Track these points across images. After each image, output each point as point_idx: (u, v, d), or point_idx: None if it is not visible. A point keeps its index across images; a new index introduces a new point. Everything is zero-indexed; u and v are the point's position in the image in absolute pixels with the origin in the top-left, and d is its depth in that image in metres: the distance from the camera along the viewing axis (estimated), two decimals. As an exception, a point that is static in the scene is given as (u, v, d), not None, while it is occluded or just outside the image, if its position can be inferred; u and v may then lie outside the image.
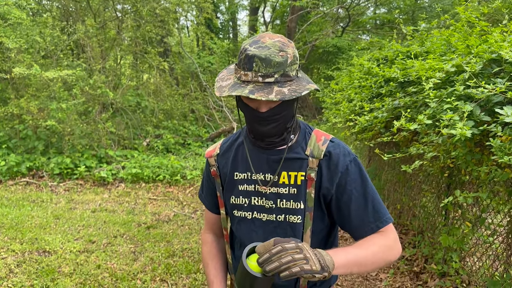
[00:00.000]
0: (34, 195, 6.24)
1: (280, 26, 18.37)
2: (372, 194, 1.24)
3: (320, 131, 1.31)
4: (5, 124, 7.49)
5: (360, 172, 1.25)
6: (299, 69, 1.16)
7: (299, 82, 1.12)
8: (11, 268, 3.85)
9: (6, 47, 7.18)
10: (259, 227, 1.35)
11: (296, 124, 1.30)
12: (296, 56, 1.14)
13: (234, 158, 1.39)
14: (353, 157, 1.25)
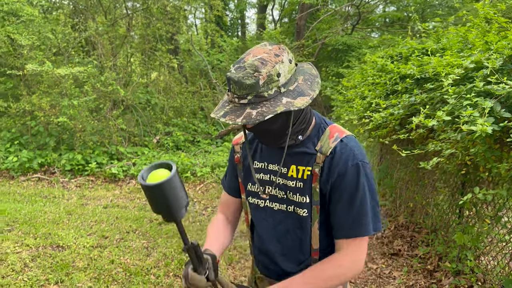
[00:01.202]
0: (46, 191, 6.29)
1: (288, 24, 18.34)
2: (361, 204, 1.24)
3: (337, 127, 1.32)
4: (17, 121, 7.55)
5: (358, 179, 1.24)
6: (286, 84, 1.18)
7: (276, 101, 1.14)
8: (26, 262, 3.89)
9: (18, 44, 7.24)
10: (270, 216, 1.42)
11: (306, 125, 1.31)
12: (277, 73, 1.15)
13: (255, 148, 1.46)
14: (356, 162, 1.24)
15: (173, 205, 1.06)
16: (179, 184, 1.07)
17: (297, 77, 1.24)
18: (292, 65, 1.22)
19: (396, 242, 4.27)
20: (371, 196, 1.26)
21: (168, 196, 1.04)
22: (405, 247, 4.16)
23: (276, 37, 11.76)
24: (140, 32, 8.64)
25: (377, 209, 1.29)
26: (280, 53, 1.18)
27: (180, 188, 1.07)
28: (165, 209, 1.07)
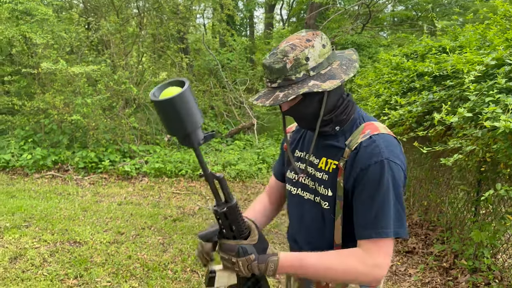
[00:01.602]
0: (60, 188, 6.36)
1: (296, 23, 18.36)
2: (383, 202, 1.18)
3: (374, 125, 1.28)
4: (31, 119, 7.63)
5: (381, 176, 1.18)
6: (315, 68, 1.22)
7: (303, 84, 1.20)
8: (45, 257, 3.95)
9: (32, 42, 7.33)
10: (300, 204, 1.44)
11: (345, 116, 1.32)
12: (305, 57, 1.20)
13: (300, 137, 1.51)
14: (381, 159, 1.18)
15: (187, 122, 1.01)
16: (192, 100, 1.02)
17: (332, 61, 1.26)
18: (326, 49, 1.24)
19: (411, 240, 4.28)
20: (396, 198, 1.19)
21: (180, 111, 0.99)
22: (419, 245, 4.18)
23: (286, 36, 11.78)
24: (152, 31, 8.70)
25: (401, 213, 1.20)
26: (313, 38, 1.22)
27: (193, 105, 1.02)
28: (179, 127, 1.02)
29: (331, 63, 1.26)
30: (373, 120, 1.32)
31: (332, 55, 1.27)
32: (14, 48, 7.36)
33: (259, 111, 10.41)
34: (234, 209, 1.14)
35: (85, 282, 3.52)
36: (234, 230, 1.16)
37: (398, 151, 1.22)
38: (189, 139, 1.05)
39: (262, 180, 6.97)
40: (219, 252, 1.19)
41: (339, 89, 1.29)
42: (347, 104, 1.32)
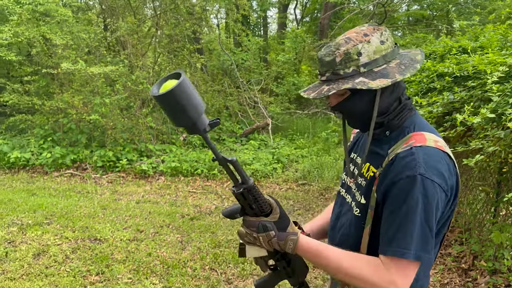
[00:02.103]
0: (79, 186, 6.48)
1: (310, 23, 18.33)
2: (405, 221, 1.09)
3: (423, 136, 1.17)
4: (50, 118, 7.78)
5: (410, 191, 1.09)
6: (368, 64, 1.18)
7: (350, 80, 1.17)
8: (67, 254, 4.04)
9: (52, 43, 7.47)
10: (341, 205, 1.43)
11: (398, 121, 1.25)
12: (357, 52, 1.17)
13: (358, 139, 1.51)
14: (414, 174, 1.08)
15: (190, 110, 1.04)
16: (191, 89, 1.05)
17: (391, 59, 1.20)
18: (384, 46, 1.18)
19: (429, 241, 4.27)
20: (425, 220, 1.08)
21: (181, 101, 1.02)
22: (437, 246, 4.16)
23: (300, 36, 11.78)
24: (168, 32, 8.79)
25: (428, 236, 1.09)
26: (371, 33, 1.18)
27: (193, 93, 1.05)
28: (184, 117, 1.05)
29: (389, 61, 1.20)
30: (427, 131, 1.21)
31: (392, 53, 1.20)
32: (34, 48, 7.51)
33: (274, 111, 10.43)
34: (251, 190, 1.17)
35: (106, 279, 3.59)
36: (254, 208, 1.19)
37: (441, 168, 1.11)
38: (196, 127, 1.09)
39: (277, 180, 7.00)
40: (243, 227, 1.22)
41: (396, 90, 1.23)
42: (403, 108, 1.24)
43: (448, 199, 1.13)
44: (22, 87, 7.97)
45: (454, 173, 1.16)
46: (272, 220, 1.19)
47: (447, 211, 1.18)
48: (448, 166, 1.14)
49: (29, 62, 8.60)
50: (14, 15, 7.51)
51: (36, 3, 7.51)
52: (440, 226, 1.19)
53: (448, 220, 1.22)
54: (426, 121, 1.28)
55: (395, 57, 1.22)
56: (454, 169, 1.16)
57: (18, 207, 5.29)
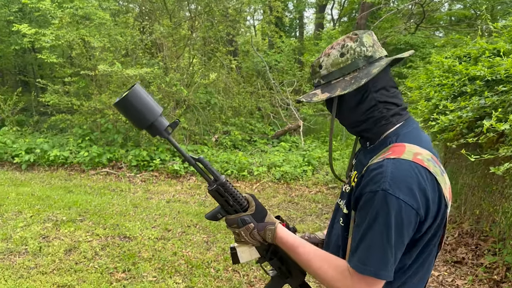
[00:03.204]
0: (114, 185, 6.69)
1: (347, 23, 18.07)
2: (365, 236, 1.09)
3: (403, 147, 1.14)
4: (88, 118, 8.08)
5: (371, 208, 1.08)
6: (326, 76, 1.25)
7: (325, 88, 1.24)
8: (97, 251, 4.17)
9: (91, 46, 7.75)
10: (335, 211, 1.41)
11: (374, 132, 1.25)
12: (318, 65, 1.25)
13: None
14: (378, 189, 1.06)
15: (146, 113, 1.17)
16: (144, 95, 1.18)
17: (349, 71, 1.21)
18: (343, 59, 1.20)
19: (460, 250, 4.11)
20: (386, 235, 1.06)
21: (136, 106, 1.16)
22: (469, 256, 4.00)
23: (335, 37, 11.63)
24: (203, 34, 8.93)
25: (388, 254, 1.06)
26: (335, 45, 1.23)
27: (147, 99, 1.18)
28: (141, 118, 1.17)
29: (347, 74, 1.21)
30: (412, 142, 1.16)
31: (351, 65, 1.20)
32: (74, 51, 7.82)
33: (306, 112, 10.36)
34: (224, 185, 1.24)
35: (132, 276, 3.69)
36: (232, 205, 1.25)
37: (411, 183, 1.06)
38: (155, 128, 1.20)
39: (306, 182, 6.94)
40: (227, 227, 1.28)
41: (364, 101, 1.21)
42: (378, 119, 1.23)
43: (419, 215, 1.07)
44: (63, 88, 8.31)
45: (432, 188, 1.09)
46: (250, 213, 1.25)
47: (428, 226, 1.12)
48: (423, 181, 1.07)
49: (70, 64, 8.97)
50: (55, 19, 7.84)
51: (77, 7, 7.82)
52: (426, 242, 1.15)
53: (435, 236, 1.17)
54: (420, 133, 1.23)
55: (359, 67, 1.20)
56: (433, 184, 1.10)
57: (54, 204, 5.53)
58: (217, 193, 1.24)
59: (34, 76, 12.35)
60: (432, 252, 1.20)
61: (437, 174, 1.11)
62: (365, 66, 1.20)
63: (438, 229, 1.16)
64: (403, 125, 1.23)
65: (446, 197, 1.13)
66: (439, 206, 1.12)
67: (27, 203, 5.55)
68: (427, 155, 1.12)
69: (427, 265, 1.21)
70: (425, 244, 1.16)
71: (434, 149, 1.22)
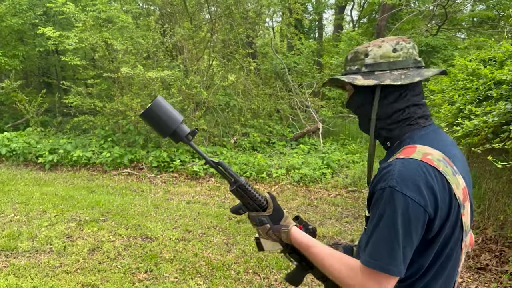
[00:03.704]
0: (135, 185, 6.79)
1: (367, 24, 17.93)
2: (373, 232, 1.12)
3: (414, 149, 1.17)
4: (110, 119, 8.22)
5: (378, 204, 1.12)
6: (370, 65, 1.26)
7: (349, 76, 1.28)
8: (119, 251, 4.24)
9: (113, 48, 7.89)
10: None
11: (396, 132, 1.28)
12: (365, 53, 1.28)
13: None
14: (385, 186, 1.10)
15: (168, 121, 1.32)
16: (166, 106, 1.33)
17: (397, 68, 1.24)
18: (395, 54, 1.24)
19: (484, 256, 4.04)
20: (393, 231, 1.08)
21: (160, 115, 1.31)
22: (493, 262, 3.93)
23: (355, 39, 11.56)
24: (223, 36, 8.99)
25: (396, 249, 1.08)
26: (388, 41, 1.26)
27: (169, 109, 1.34)
28: (164, 126, 1.32)
29: (395, 69, 1.24)
30: (424, 144, 1.19)
31: (402, 62, 1.24)
32: (97, 53, 7.97)
33: (325, 115, 10.32)
34: (243, 187, 1.33)
35: (154, 277, 3.74)
36: (251, 204, 1.35)
37: (418, 181, 1.08)
38: (178, 134, 1.34)
39: (326, 185, 6.92)
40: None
41: (401, 100, 1.25)
42: (405, 119, 1.25)
43: (427, 212, 1.09)
44: (86, 90, 8.48)
45: (442, 187, 1.11)
46: (267, 214, 1.33)
47: (441, 226, 1.13)
48: (432, 179, 1.10)
49: (92, 66, 9.15)
50: (79, 22, 8.01)
51: (99, 10, 7.97)
52: (441, 243, 1.16)
53: (451, 238, 1.17)
54: (437, 135, 1.25)
55: (408, 67, 1.24)
56: (443, 182, 1.12)
57: (77, 204, 5.65)
58: (237, 192, 1.34)
59: (57, 78, 12.63)
60: (451, 256, 1.19)
61: (448, 174, 1.13)
62: (413, 69, 1.24)
63: (453, 231, 1.16)
64: (420, 129, 1.26)
65: (459, 198, 1.14)
66: (450, 205, 1.13)
67: (51, 202, 5.68)
68: (438, 155, 1.14)
69: (448, 270, 1.20)
70: (442, 246, 1.17)
71: (456, 150, 1.25)
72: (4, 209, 5.38)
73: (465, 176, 1.20)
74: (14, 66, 9.75)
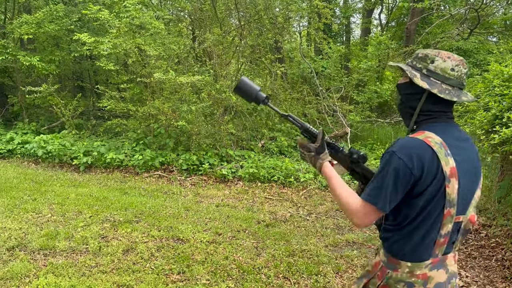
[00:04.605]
0: (166, 188, 6.94)
1: (395, 28, 17.71)
2: (376, 179, 1.56)
3: (420, 133, 1.57)
4: (142, 123, 8.43)
5: (381, 162, 1.58)
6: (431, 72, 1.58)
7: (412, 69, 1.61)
8: (152, 252, 4.35)
9: (146, 54, 8.10)
10: None
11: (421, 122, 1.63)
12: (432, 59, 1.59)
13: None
14: (388, 151, 1.56)
15: (252, 89, 1.96)
16: (248, 81, 1.98)
17: (447, 83, 1.56)
18: (452, 73, 1.55)
19: (521, 267, 3.95)
20: (383, 178, 1.53)
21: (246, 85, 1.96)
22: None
23: (384, 42, 11.45)
24: (251, 42, 9.08)
25: (379, 188, 1.53)
26: (453, 59, 1.56)
27: (250, 83, 1.97)
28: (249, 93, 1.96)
29: (444, 83, 1.55)
30: (434, 132, 1.56)
31: (452, 81, 1.55)
32: (130, 59, 8.20)
33: (353, 119, 10.26)
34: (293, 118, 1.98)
35: (186, 279, 3.83)
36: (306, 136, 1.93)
37: (412, 151, 1.50)
38: (258, 98, 1.96)
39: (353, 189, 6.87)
40: (298, 147, 2.00)
41: (438, 104, 1.58)
42: (431, 117, 1.60)
43: (413, 174, 1.49)
44: (119, 94, 8.72)
45: (431, 159, 1.50)
46: (315, 146, 1.84)
47: (425, 188, 1.51)
48: (424, 152, 1.50)
49: (125, 71, 9.39)
50: (113, 28, 8.26)
51: (133, 17, 8.20)
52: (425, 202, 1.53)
53: (432, 201, 1.53)
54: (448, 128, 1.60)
55: (453, 86, 1.56)
56: (433, 157, 1.50)
57: (111, 205, 5.82)
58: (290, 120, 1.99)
59: (90, 82, 13.02)
60: (432, 215, 1.55)
61: (440, 153, 1.50)
62: (457, 89, 1.57)
63: (436, 194, 1.52)
64: (434, 123, 1.60)
65: (445, 172, 1.50)
66: (436, 175, 1.50)
67: (86, 203, 5.87)
68: (437, 140, 1.53)
69: (429, 225, 1.56)
70: (424, 204, 1.54)
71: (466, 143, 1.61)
72: (41, 209, 5.59)
73: (465, 163, 1.56)
74: (50, 71, 10.11)
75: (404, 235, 1.60)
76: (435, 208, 1.53)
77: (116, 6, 8.67)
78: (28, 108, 11.35)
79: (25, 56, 9.62)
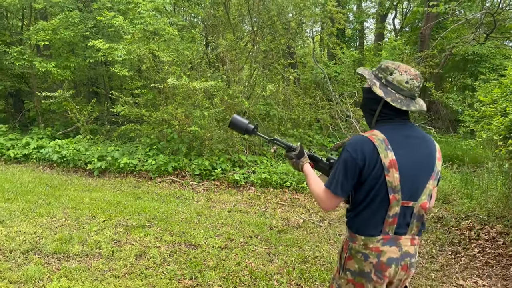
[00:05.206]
0: (178, 192, 6.95)
1: (409, 33, 17.58)
2: (334, 170, 1.88)
3: (370, 132, 1.87)
4: (155, 128, 8.48)
5: (340, 155, 1.87)
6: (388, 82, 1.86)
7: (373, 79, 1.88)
8: (165, 257, 4.35)
9: (160, 60, 8.16)
10: None
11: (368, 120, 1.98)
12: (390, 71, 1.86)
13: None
14: (344, 146, 1.86)
15: (240, 124, 2.39)
16: (239, 117, 2.41)
17: (400, 93, 1.82)
18: (406, 85, 1.81)
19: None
20: (337, 169, 1.86)
21: (235, 122, 2.40)
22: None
23: (399, 47, 11.36)
24: (264, 47, 9.10)
25: (335, 176, 1.86)
26: (409, 73, 1.82)
27: (240, 119, 2.40)
28: (240, 127, 2.39)
29: (399, 93, 1.82)
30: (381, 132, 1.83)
31: (405, 92, 1.82)
32: (144, 64, 8.27)
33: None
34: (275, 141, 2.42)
35: (199, 284, 3.81)
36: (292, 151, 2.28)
37: (356, 146, 1.81)
38: (248, 128, 2.38)
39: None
40: (285, 156, 2.35)
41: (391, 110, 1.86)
42: (383, 118, 1.88)
43: (357, 164, 1.80)
44: (133, 100, 8.80)
45: (371, 152, 1.78)
46: (296, 153, 2.22)
47: (368, 175, 1.80)
48: (366, 146, 1.79)
49: (139, 77, 9.48)
50: (127, 34, 8.35)
51: (147, 23, 8.27)
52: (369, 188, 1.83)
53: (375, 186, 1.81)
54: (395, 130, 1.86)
55: (406, 96, 1.83)
56: (373, 150, 1.79)
57: (125, 209, 5.85)
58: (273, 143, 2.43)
59: (104, 88, 13.18)
60: (376, 198, 1.82)
61: (380, 147, 1.78)
62: (408, 99, 1.83)
63: (377, 181, 1.80)
64: (384, 124, 1.88)
65: (384, 163, 1.77)
66: (376, 164, 1.78)
67: (99, 208, 5.91)
68: (380, 136, 1.80)
69: (374, 208, 1.84)
70: (369, 189, 1.83)
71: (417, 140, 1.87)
72: (56, 213, 5.64)
73: (410, 156, 1.83)
74: (66, 77, 10.25)
75: (357, 213, 1.90)
76: (379, 192, 1.81)
77: (130, 13, 8.77)
78: (43, 114, 11.53)
79: (41, 62, 9.78)
